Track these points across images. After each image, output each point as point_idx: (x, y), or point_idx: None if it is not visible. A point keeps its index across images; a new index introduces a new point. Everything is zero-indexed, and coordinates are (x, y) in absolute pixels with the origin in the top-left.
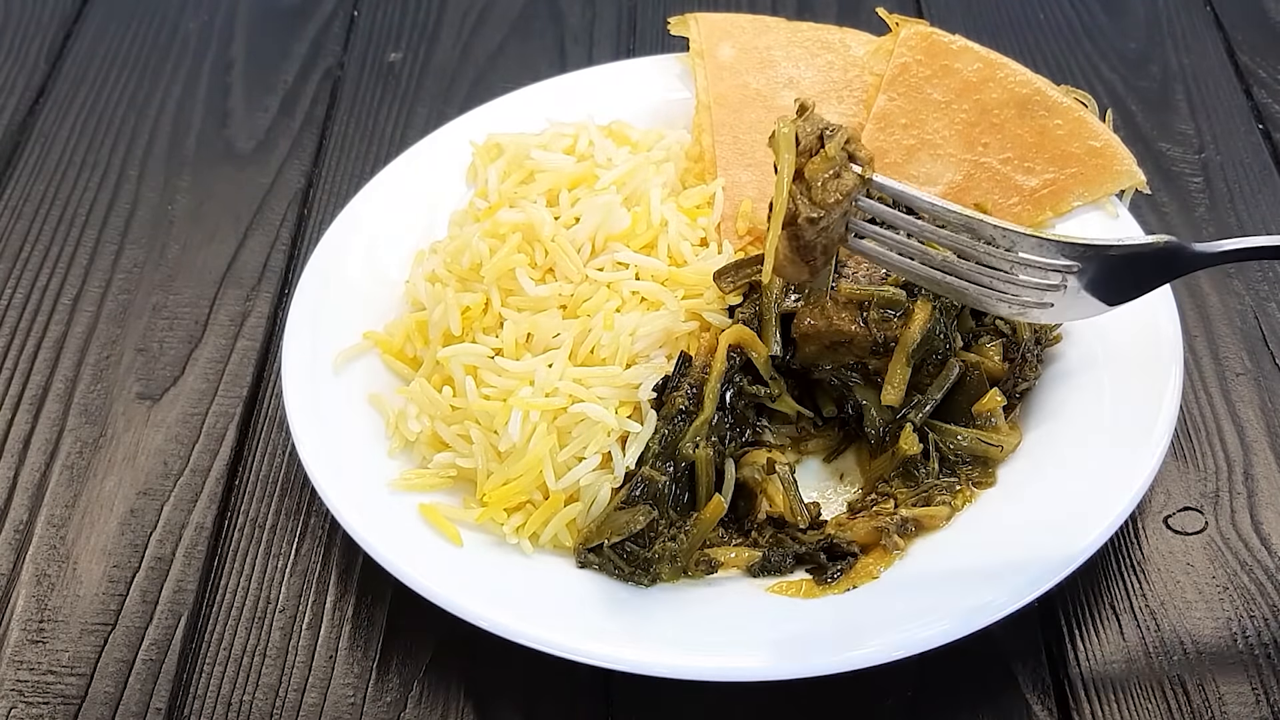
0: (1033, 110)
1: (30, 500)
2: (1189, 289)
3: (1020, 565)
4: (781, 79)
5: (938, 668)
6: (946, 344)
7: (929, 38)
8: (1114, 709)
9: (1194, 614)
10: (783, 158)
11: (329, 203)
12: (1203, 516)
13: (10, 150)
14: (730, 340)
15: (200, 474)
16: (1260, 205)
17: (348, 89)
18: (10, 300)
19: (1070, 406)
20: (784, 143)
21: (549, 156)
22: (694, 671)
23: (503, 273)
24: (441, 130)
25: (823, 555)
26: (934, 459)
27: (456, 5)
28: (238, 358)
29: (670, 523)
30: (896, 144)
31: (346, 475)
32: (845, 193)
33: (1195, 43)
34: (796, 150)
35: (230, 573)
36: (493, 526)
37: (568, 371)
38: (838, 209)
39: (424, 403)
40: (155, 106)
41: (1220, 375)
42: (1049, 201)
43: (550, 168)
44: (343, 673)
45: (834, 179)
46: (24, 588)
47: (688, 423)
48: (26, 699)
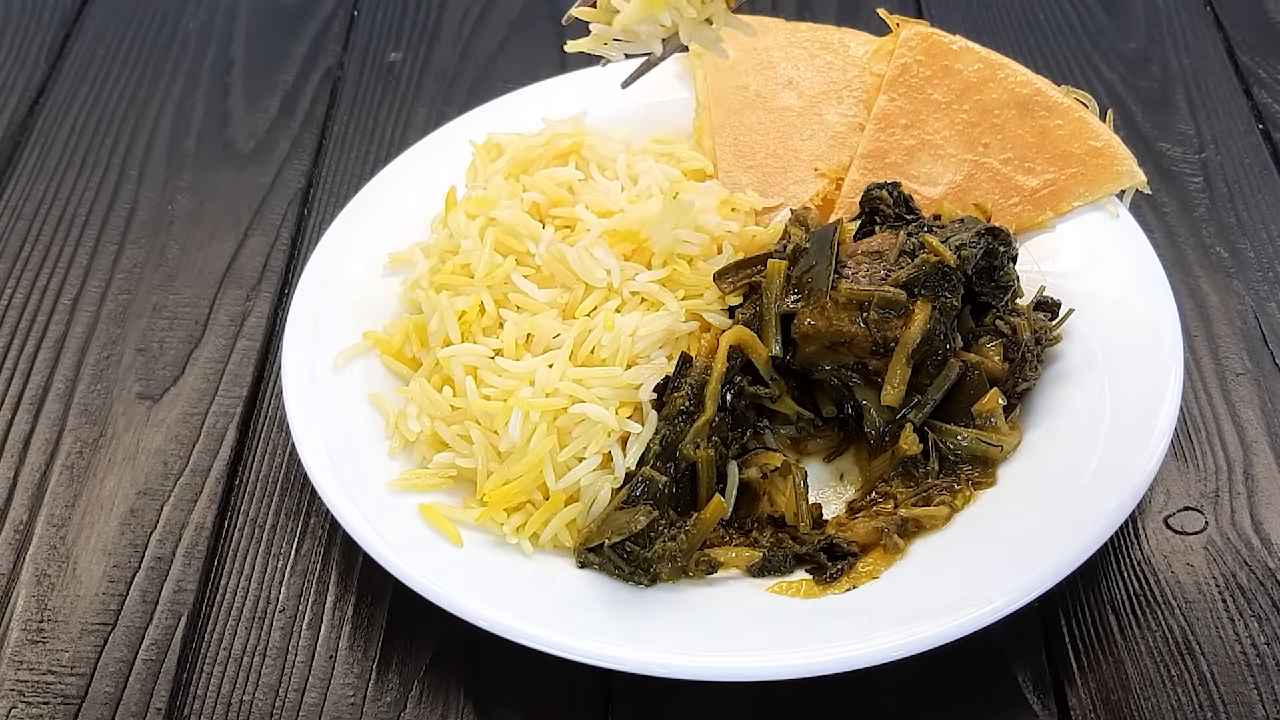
0: (1033, 110)
1: (30, 500)
2: (1189, 289)
3: (1020, 565)
4: (781, 80)
5: (938, 668)
6: (946, 344)
7: (929, 38)
8: (1114, 709)
9: (1194, 614)
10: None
11: (329, 203)
12: (1203, 516)
13: (10, 150)
14: (731, 341)
15: (200, 474)
16: (1260, 205)
17: (348, 89)
18: (10, 300)
19: (1070, 406)
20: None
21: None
22: (694, 671)
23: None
24: (441, 130)
25: (823, 555)
26: (934, 459)
27: (456, 5)
28: (238, 358)
29: (670, 523)
30: (897, 144)
31: (346, 475)
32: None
33: (1195, 43)
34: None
35: (230, 573)
36: (493, 526)
37: (568, 372)
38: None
39: (424, 403)
40: (155, 106)
41: (1220, 375)
42: (1049, 202)
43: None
44: (343, 673)
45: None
46: (24, 588)
47: (688, 423)
48: (26, 699)
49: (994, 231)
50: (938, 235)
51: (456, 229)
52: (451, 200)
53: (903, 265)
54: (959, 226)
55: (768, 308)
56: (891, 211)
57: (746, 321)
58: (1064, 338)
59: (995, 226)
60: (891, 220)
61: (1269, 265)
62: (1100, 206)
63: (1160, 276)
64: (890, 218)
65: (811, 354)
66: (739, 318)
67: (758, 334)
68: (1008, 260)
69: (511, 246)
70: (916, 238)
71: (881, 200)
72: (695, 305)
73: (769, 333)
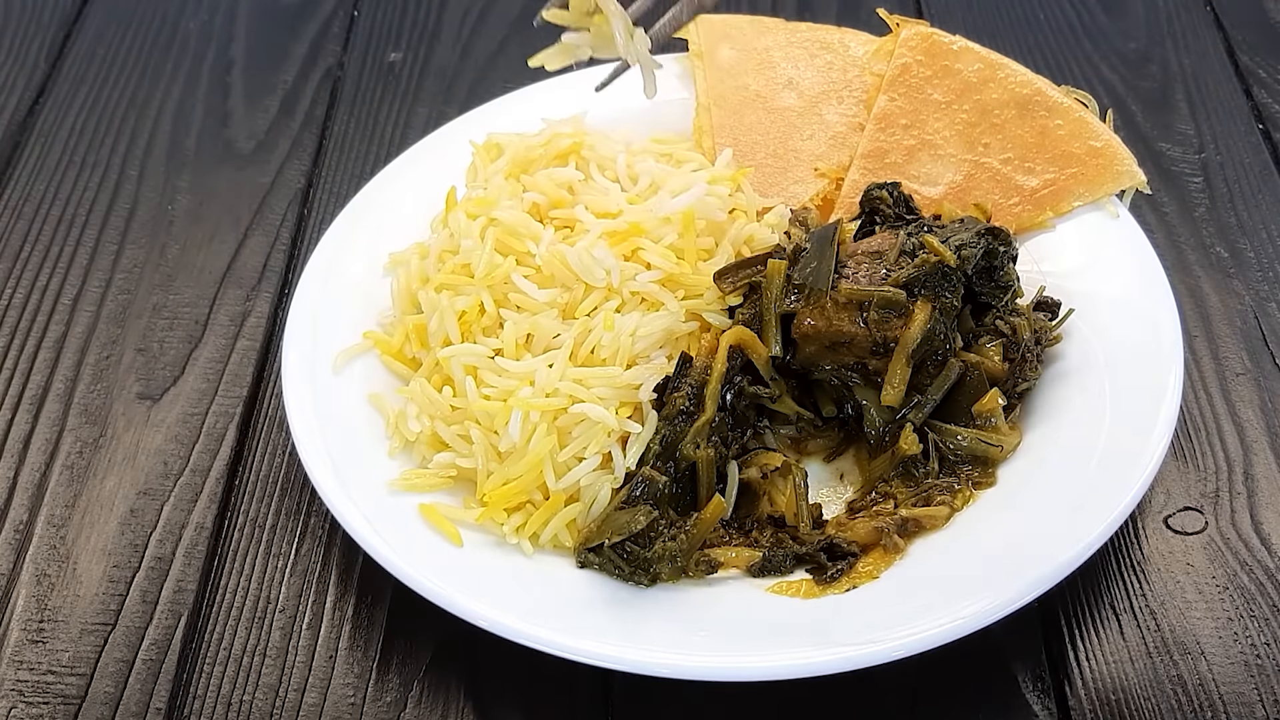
0: (1033, 110)
1: (30, 500)
2: (1189, 289)
3: (1020, 565)
4: (781, 80)
5: (938, 668)
6: (946, 344)
7: (929, 38)
8: (1114, 709)
9: (1194, 614)
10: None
11: (329, 203)
12: (1203, 516)
13: (10, 150)
14: (731, 341)
15: (200, 474)
16: (1260, 205)
17: (348, 89)
18: (10, 300)
19: (1070, 406)
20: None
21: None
22: (694, 671)
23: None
24: (441, 130)
25: (823, 555)
26: (934, 459)
27: (456, 5)
28: (238, 358)
29: (670, 523)
30: (897, 144)
31: (346, 475)
32: None
33: (1195, 43)
34: None
35: (230, 573)
36: (493, 526)
37: (568, 372)
38: None
39: (424, 403)
40: (155, 106)
41: (1220, 375)
42: (1049, 201)
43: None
44: (343, 673)
45: None
46: (24, 588)
47: (689, 423)
48: (26, 699)
49: (994, 231)
50: (938, 235)
51: (457, 229)
52: (452, 200)
53: (903, 265)
54: (959, 226)
55: (768, 308)
56: (891, 211)
57: (746, 321)
58: (1064, 338)
59: (995, 226)
60: (891, 220)
61: (1269, 265)
62: (1100, 206)
63: (1160, 276)
64: (890, 218)
65: (811, 354)
66: (739, 318)
67: (758, 334)
68: (1008, 260)
69: (512, 246)
70: (916, 238)
71: (881, 200)
72: (695, 305)
73: (769, 333)
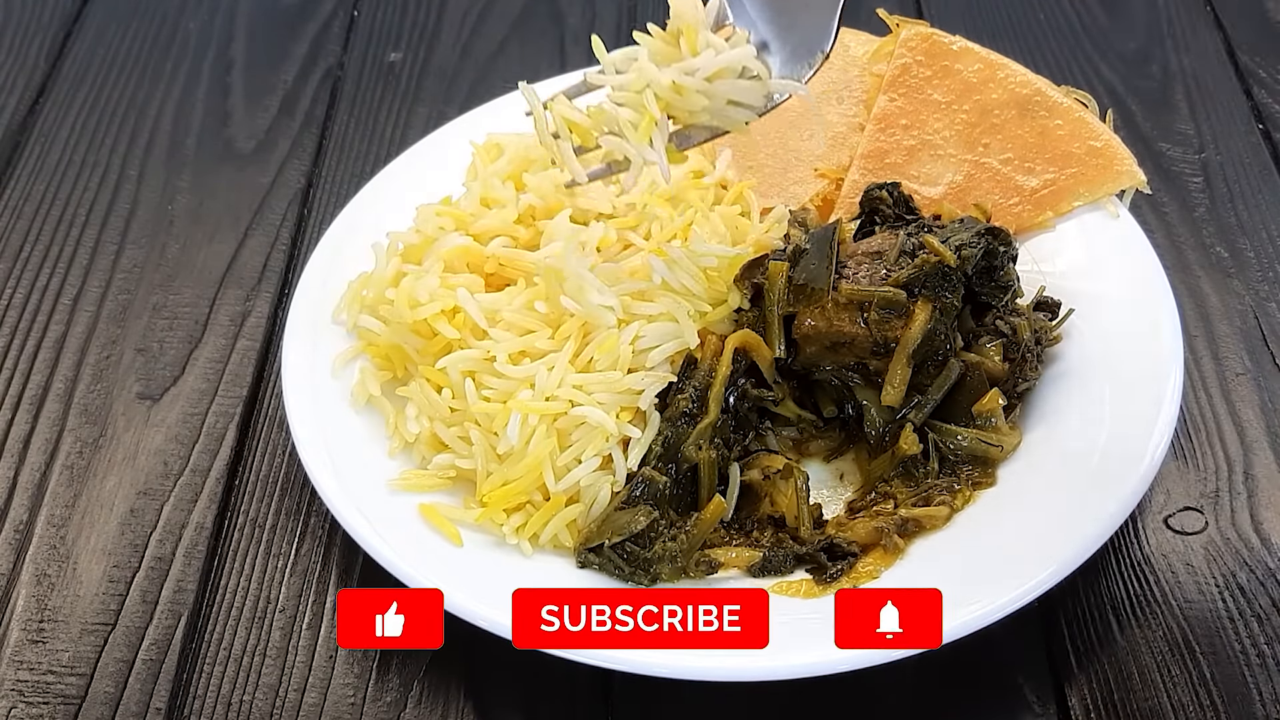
0: (1033, 111)
1: (30, 500)
2: (1189, 289)
3: (1020, 565)
4: None
5: (938, 668)
6: (947, 344)
7: (929, 39)
8: (1114, 709)
9: (1194, 614)
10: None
11: (329, 203)
12: (1203, 516)
13: (10, 150)
14: (736, 343)
15: (200, 474)
16: (1260, 205)
17: (348, 89)
18: (10, 300)
19: (1070, 406)
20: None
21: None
22: (694, 671)
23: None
24: (441, 130)
25: (823, 555)
26: (934, 459)
27: (456, 5)
28: (238, 358)
29: (671, 523)
30: (897, 145)
31: (346, 475)
32: None
33: (1195, 43)
34: None
35: (230, 573)
36: (492, 527)
37: (567, 376)
38: None
39: (423, 404)
40: (155, 106)
41: (1220, 375)
42: (1049, 202)
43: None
44: (343, 673)
45: None
46: (24, 588)
47: (691, 425)
48: (26, 699)
49: (994, 231)
50: (938, 235)
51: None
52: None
53: (903, 265)
54: (959, 226)
55: (770, 309)
56: (891, 211)
57: (750, 324)
58: (1064, 338)
59: (995, 226)
60: (891, 220)
61: (1269, 265)
62: (1100, 206)
63: (1160, 276)
64: (890, 218)
65: (812, 355)
66: (744, 320)
67: (761, 336)
68: (1008, 260)
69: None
70: (916, 238)
71: (881, 200)
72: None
73: (773, 334)
